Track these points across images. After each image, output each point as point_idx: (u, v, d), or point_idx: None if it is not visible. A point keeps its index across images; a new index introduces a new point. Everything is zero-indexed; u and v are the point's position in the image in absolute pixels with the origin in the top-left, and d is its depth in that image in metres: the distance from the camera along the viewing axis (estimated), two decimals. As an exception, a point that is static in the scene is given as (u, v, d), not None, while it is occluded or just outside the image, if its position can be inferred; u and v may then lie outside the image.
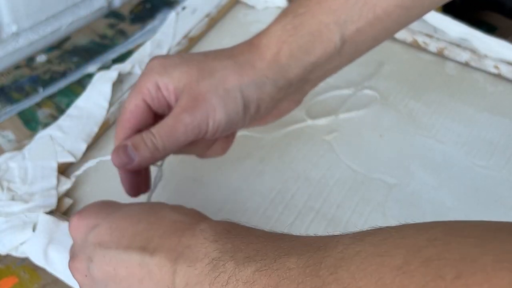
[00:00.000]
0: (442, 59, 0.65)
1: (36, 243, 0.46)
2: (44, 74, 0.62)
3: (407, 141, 0.57)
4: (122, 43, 0.66)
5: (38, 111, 0.58)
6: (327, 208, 0.51)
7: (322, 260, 0.27)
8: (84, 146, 0.53)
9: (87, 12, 0.69)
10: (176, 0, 0.72)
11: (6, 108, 0.59)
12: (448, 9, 0.70)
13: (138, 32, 0.68)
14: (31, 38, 0.65)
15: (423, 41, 0.65)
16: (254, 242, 0.31)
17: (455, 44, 0.64)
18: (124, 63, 0.62)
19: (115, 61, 0.64)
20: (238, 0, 0.71)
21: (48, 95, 0.60)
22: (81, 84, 0.61)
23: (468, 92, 0.62)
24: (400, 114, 0.59)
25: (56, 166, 0.51)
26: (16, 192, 0.49)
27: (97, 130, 0.55)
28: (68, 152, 0.53)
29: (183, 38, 0.64)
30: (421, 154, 0.56)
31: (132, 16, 0.70)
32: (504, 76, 0.63)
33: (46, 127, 0.55)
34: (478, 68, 0.64)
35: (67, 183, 0.51)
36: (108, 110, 0.56)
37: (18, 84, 0.61)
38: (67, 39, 0.67)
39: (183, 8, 0.68)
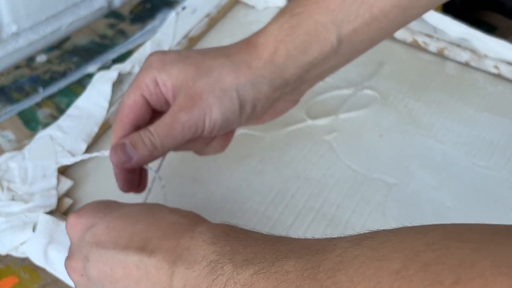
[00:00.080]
0: (442, 59, 0.65)
1: (36, 243, 0.46)
2: (44, 74, 0.62)
3: (407, 141, 0.57)
4: (122, 43, 0.66)
5: (38, 111, 0.58)
6: (327, 208, 0.51)
7: (320, 263, 0.27)
8: (84, 146, 0.53)
9: (87, 12, 0.69)
10: (176, 0, 0.72)
11: (6, 108, 0.59)
12: (448, 9, 0.70)
13: (138, 32, 0.68)
14: (31, 38, 0.65)
15: (423, 41, 0.65)
16: (252, 245, 0.31)
17: (455, 44, 0.64)
18: (124, 63, 0.62)
19: (115, 61, 0.64)
20: (238, 0, 0.71)
21: (48, 95, 0.60)
22: (81, 84, 0.61)
23: (468, 92, 0.62)
24: (400, 114, 0.59)
25: (56, 166, 0.51)
26: (16, 192, 0.49)
27: (97, 130, 0.55)
28: (68, 152, 0.53)
29: (183, 38, 0.64)
30: (421, 154, 0.56)
31: (132, 16, 0.70)
32: (504, 76, 0.63)
33: (46, 127, 0.55)
34: (478, 68, 0.64)
35: (67, 183, 0.51)
36: (108, 110, 0.56)
37: (18, 84, 0.61)
38: (67, 39, 0.67)
39: (183, 8, 0.68)
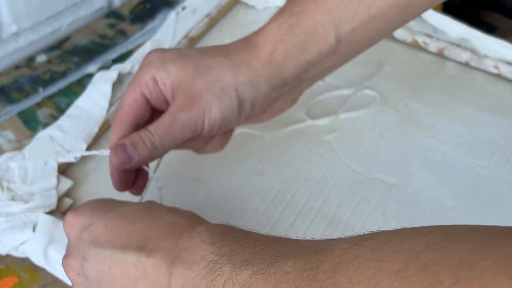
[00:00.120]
0: (442, 59, 0.65)
1: (36, 243, 0.46)
2: (44, 74, 0.62)
3: (407, 141, 0.57)
4: (122, 43, 0.66)
5: (38, 111, 0.58)
6: (327, 208, 0.51)
7: (320, 264, 0.27)
8: (84, 146, 0.53)
9: (87, 12, 0.69)
10: (176, 0, 0.72)
11: (6, 108, 0.59)
12: (448, 9, 0.70)
13: (138, 32, 0.68)
14: (31, 38, 0.65)
15: (423, 41, 0.65)
16: (251, 246, 0.31)
17: (455, 44, 0.64)
18: (124, 63, 0.62)
19: (115, 61, 0.64)
20: (238, 0, 0.71)
21: (48, 95, 0.60)
22: (81, 84, 0.61)
23: (468, 92, 0.62)
24: (400, 114, 0.59)
25: (56, 166, 0.51)
26: (16, 192, 0.49)
27: (97, 130, 0.55)
28: (68, 152, 0.53)
29: (183, 38, 0.64)
30: (421, 154, 0.56)
31: (132, 16, 0.70)
32: (504, 76, 0.63)
33: (46, 127, 0.55)
34: (478, 68, 0.64)
35: (67, 183, 0.51)
36: (108, 110, 0.56)
37: (18, 84, 0.61)
38: (67, 39, 0.67)
39: (183, 8, 0.68)
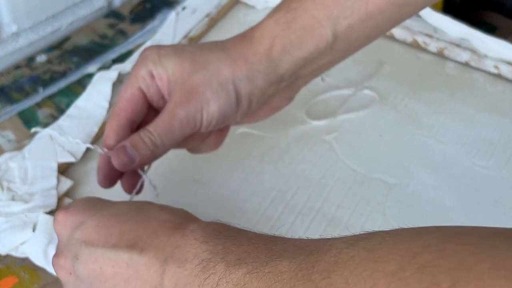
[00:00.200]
0: (442, 59, 0.65)
1: (36, 243, 0.46)
2: (44, 74, 0.62)
3: (407, 141, 0.57)
4: (122, 43, 0.66)
5: (38, 111, 0.58)
6: (327, 208, 0.51)
7: (315, 264, 0.27)
8: (84, 146, 0.53)
9: (87, 12, 0.69)
10: (176, 0, 0.72)
11: (6, 108, 0.59)
12: (448, 9, 0.70)
13: (138, 32, 0.68)
14: (31, 38, 0.65)
15: (423, 41, 0.65)
16: (245, 244, 0.31)
17: (455, 44, 0.64)
18: (124, 63, 0.62)
19: (115, 61, 0.64)
20: (238, 0, 0.71)
21: (48, 95, 0.60)
22: (81, 84, 0.61)
23: (468, 92, 0.62)
24: (400, 114, 0.59)
25: (56, 166, 0.51)
26: (16, 192, 0.49)
27: (97, 130, 0.55)
28: (68, 152, 0.53)
29: (183, 38, 0.64)
30: (421, 154, 0.56)
31: (132, 16, 0.70)
32: (504, 76, 0.63)
33: (46, 127, 0.55)
34: (478, 68, 0.64)
35: (67, 183, 0.51)
36: (108, 110, 0.56)
37: (18, 84, 0.61)
38: (67, 39, 0.67)
39: (183, 8, 0.68)
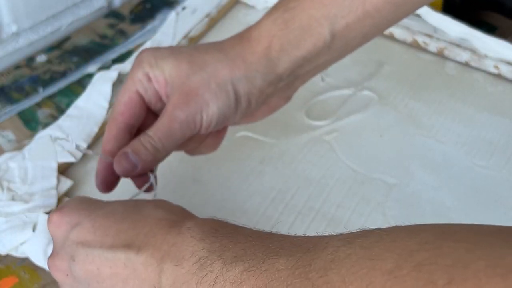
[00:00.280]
0: (442, 59, 0.65)
1: (36, 243, 0.46)
2: (44, 74, 0.62)
3: (407, 141, 0.57)
4: (122, 43, 0.66)
5: (38, 111, 0.58)
6: (327, 208, 0.51)
7: (312, 262, 0.27)
8: (84, 146, 0.53)
9: (87, 12, 0.69)
10: (176, 0, 0.72)
11: (6, 108, 0.59)
12: (448, 9, 0.70)
13: (138, 32, 0.68)
14: (31, 38, 0.65)
15: (423, 41, 0.65)
16: (242, 241, 0.31)
17: (455, 44, 0.64)
18: (124, 63, 0.62)
19: (115, 61, 0.64)
20: (238, 0, 0.71)
21: (48, 95, 0.60)
22: (81, 84, 0.61)
23: (468, 92, 0.62)
24: (400, 114, 0.59)
25: (56, 166, 0.51)
26: (16, 192, 0.49)
27: (97, 130, 0.55)
28: (68, 152, 0.53)
29: (183, 38, 0.64)
30: (421, 154, 0.56)
31: (132, 16, 0.70)
32: (504, 76, 0.63)
33: (46, 127, 0.55)
34: (478, 68, 0.64)
35: (67, 183, 0.51)
36: (108, 110, 0.56)
37: (18, 84, 0.61)
38: (67, 39, 0.67)
39: (183, 8, 0.68)
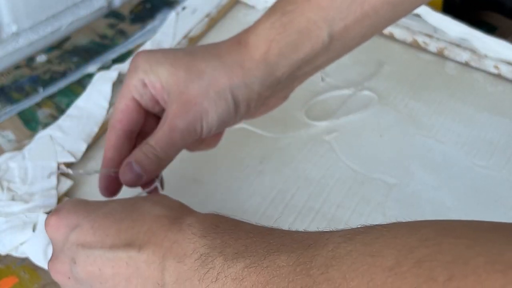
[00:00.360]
0: (442, 59, 0.65)
1: (36, 243, 0.46)
2: (44, 74, 0.62)
3: (407, 141, 0.57)
4: (122, 43, 0.66)
5: (38, 111, 0.58)
6: (327, 208, 0.51)
7: (313, 258, 0.27)
8: (84, 146, 0.53)
9: (87, 12, 0.69)
10: (176, 0, 0.72)
11: (6, 108, 0.59)
12: (448, 9, 0.70)
13: (138, 32, 0.68)
14: (31, 38, 0.65)
15: (423, 41, 0.65)
16: (243, 238, 0.31)
17: (455, 44, 0.64)
18: (124, 63, 0.62)
19: (115, 61, 0.64)
20: (238, 0, 0.71)
21: (48, 95, 0.60)
22: (81, 84, 0.61)
23: (468, 92, 0.62)
24: (400, 114, 0.59)
25: (56, 166, 0.51)
26: (16, 192, 0.49)
27: (97, 130, 0.55)
28: (68, 152, 0.53)
29: (183, 38, 0.64)
30: (421, 154, 0.56)
31: (132, 16, 0.70)
32: (504, 76, 0.63)
33: (46, 127, 0.55)
34: (478, 68, 0.64)
35: (67, 183, 0.51)
36: (108, 110, 0.56)
37: (18, 84, 0.61)
38: (67, 39, 0.67)
39: (183, 8, 0.68)
